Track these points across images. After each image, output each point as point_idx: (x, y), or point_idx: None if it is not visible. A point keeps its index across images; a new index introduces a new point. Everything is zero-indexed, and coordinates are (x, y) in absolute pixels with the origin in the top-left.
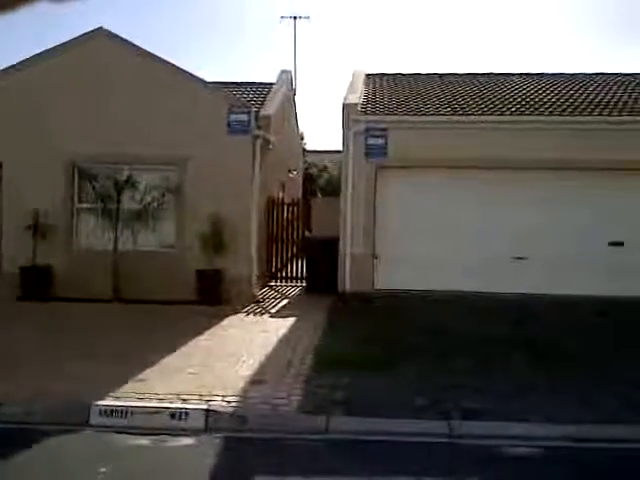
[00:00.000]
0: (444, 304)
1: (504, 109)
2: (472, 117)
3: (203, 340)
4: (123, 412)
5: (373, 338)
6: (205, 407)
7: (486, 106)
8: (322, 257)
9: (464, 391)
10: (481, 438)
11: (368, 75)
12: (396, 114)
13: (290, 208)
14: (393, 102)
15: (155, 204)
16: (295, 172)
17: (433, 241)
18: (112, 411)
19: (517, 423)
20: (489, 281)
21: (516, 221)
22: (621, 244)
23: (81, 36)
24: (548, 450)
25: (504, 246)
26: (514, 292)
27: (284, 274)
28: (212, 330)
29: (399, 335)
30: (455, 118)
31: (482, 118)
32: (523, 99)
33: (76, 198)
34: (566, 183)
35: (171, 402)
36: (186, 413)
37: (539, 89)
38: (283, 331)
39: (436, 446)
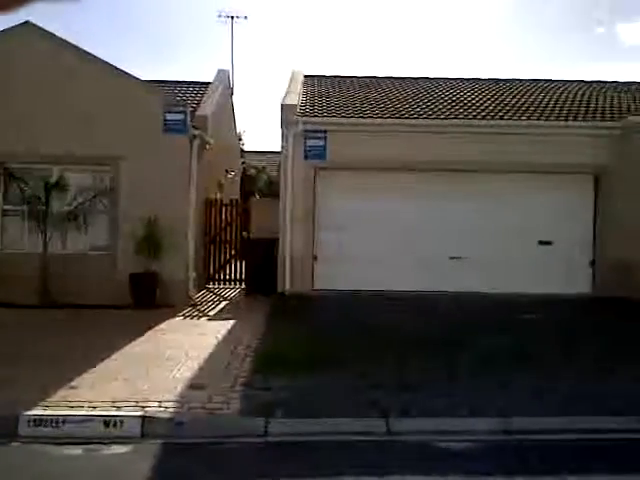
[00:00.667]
0: (382, 304)
1: (439, 113)
2: (407, 120)
3: (138, 345)
4: (54, 421)
5: (312, 339)
6: (141, 413)
7: (421, 109)
8: (261, 258)
9: (402, 388)
10: (419, 434)
11: (306, 76)
12: (335, 116)
13: (228, 209)
14: (332, 104)
15: (87, 205)
16: (233, 173)
17: (372, 242)
18: (42, 421)
19: (454, 418)
20: (427, 280)
21: (452, 222)
22: (550, 243)
23: (8, 30)
24: (484, 443)
25: (441, 246)
26: (451, 291)
27: (223, 276)
28: (148, 334)
29: (338, 335)
30: (391, 121)
31: (417, 121)
32: (457, 103)
33: (1, 199)
34: (498, 184)
35: (105, 409)
36: (121, 420)
37: (472, 93)
38: (222, 334)
39: (375, 444)
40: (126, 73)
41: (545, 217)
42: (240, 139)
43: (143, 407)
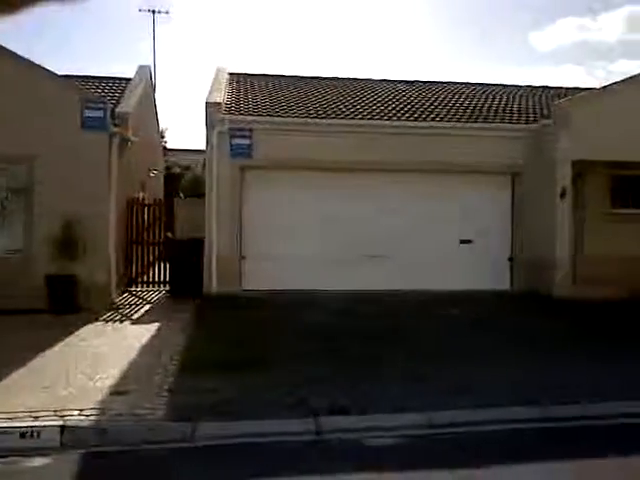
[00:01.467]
0: (310, 303)
1: (365, 113)
2: (331, 120)
3: (56, 352)
4: None
5: (239, 340)
6: (60, 423)
7: (347, 109)
8: (186, 259)
9: (330, 387)
10: (348, 432)
11: (231, 74)
12: (261, 115)
13: (151, 209)
14: (258, 103)
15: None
16: (156, 171)
17: (298, 241)
18: None
19: (383, 415)
20: (350, 279)
21: (377, 221)
22: (470, 242)
23: None
24: (412, 438)
25: (364, 245)
26: (373, 289)
27: (146, 278)
28: (67, 340)
29: (265, 335)
30: (316, 121)
31: (340, 122)
32: (382, 104)
33: None
34: (420, 184)
35: (21, 420)
36: (38, 431)
37: (397, 94)
38: (146, 338)
39: (304, 444)
40: (41, 67)
41: (466, 216)
42: (163, 137)
43: (62, 416)
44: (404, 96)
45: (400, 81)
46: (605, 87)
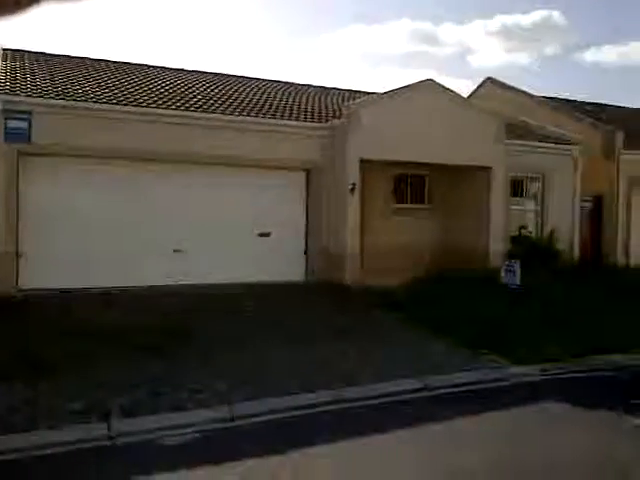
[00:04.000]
0: (100, 302)
1: (150, 101)
2: (119, 107)
3: None
4: None
5: (17, 345)
6: None
7: (140, 97)
8: None
9: (121, 389)
10: (143, 433)
11: (6, 50)
12: (42, 96)
13: None
14: (38, 83)
15: None
16: None
17: (86, 236)
18: None
19: (176, 413)
20: (145, 275)
21: (174, 214)
22: (268, 235)
23: None
24: (209, 432)
25: (159, 239)
26: (169, 284)
27: None
28: None
29: (45, 339)
30: (104, 107)
31: (129, 109)
32: (179, 94)
33: None
34: (217, 178)
35: None
36: None
37: (201, 86)
38: None
39: (97, 450)
40: None
41: (263, 210)
42: None
43: None
44: (206, 88)
45: (203, 72)
46: (388, 92)
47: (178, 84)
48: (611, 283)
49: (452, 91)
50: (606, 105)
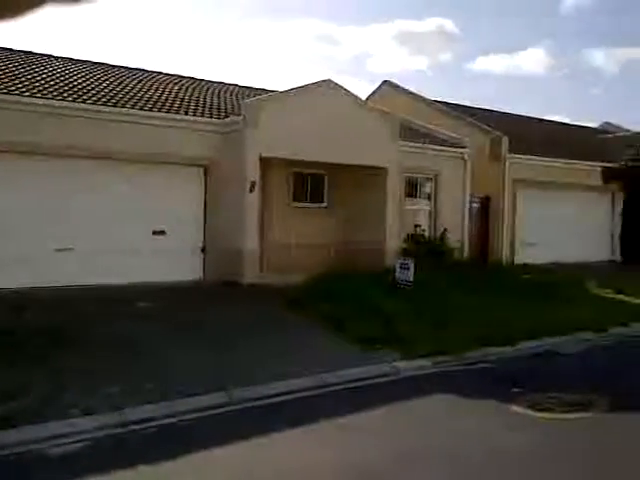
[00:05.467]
0: None
1: (42, 89)
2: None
3: None
4: None
5: None
6: None
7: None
8: None
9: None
10: (21, 445)
11: None
12: None
13: None
14: None
15: None
16: None
17: None
18: None
19: (58, 421)
20: (31, 275)
21: (62, 212)
22: (164, 232)
23: None
24: (99, 440)
25: (46, 238)
26: (59, 285)
27: None
28: None
29: None
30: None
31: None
32: (76, 85)
33: None
34: (110, 174)
35: None
36: None
37: (100, 78)
38: None
39: None
40: None
41: (158, 207)
42: None
43: None
44: (107, 81)
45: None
46: (287, 90)
47: (65, 74)
48: (496, 279)
49: (350, 92)
50: (493, 111)
